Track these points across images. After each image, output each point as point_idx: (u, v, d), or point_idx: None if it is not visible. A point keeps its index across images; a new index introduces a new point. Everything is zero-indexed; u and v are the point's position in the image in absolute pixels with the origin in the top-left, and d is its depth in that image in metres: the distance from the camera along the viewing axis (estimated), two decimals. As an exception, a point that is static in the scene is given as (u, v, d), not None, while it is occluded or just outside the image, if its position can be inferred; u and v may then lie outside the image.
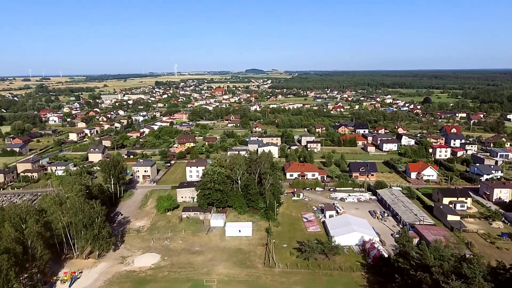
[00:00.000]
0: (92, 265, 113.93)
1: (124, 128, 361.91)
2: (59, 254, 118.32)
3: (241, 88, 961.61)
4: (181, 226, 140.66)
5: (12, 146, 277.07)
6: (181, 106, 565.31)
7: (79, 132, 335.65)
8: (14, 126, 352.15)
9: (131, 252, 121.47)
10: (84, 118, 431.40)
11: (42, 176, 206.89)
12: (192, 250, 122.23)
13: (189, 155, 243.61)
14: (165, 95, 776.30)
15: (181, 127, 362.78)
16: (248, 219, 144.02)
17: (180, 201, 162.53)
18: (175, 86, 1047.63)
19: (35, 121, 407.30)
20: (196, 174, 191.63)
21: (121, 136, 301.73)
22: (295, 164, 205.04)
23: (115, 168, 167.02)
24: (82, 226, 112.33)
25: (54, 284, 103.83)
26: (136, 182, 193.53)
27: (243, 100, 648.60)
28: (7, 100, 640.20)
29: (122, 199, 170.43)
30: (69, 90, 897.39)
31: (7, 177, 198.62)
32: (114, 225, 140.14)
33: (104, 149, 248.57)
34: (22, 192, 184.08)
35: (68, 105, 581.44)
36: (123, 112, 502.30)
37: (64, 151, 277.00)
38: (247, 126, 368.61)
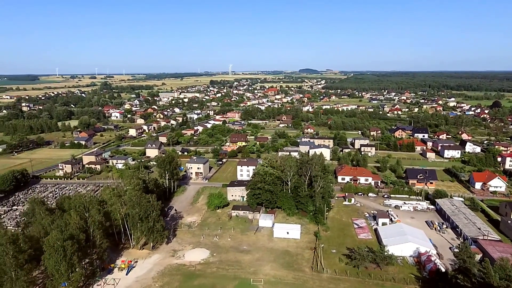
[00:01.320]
0: (147, 256, 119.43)
1: (179, 126, 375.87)
2: (116, 243, 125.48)
3: (294, 88, 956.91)
4: (230, 224, 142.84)
5: (79, 139, 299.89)
6: (234, 105, 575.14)
7: (138, 128, 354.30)
8: (81, 121, 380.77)
9: (182, 246, 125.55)
10: (143, 115, 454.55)
11: (104, 168, 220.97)
12: (240, 248, 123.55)
13: (240, 154, 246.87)
14: (219, 94, 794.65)
15: (233, 126, 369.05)
16: (297, 221, 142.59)
17: (230, 199, 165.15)
18: (229, 85, 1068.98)
19: (99, 116, 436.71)
20: (247, 174, 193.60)
21: (177, 133, 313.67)
22: (348, 167, 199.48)
23: (170, 164, 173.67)
24: (138, 218, 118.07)
25: (112, 271, 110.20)
26: (189, 179, 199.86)
27: (296, 101, 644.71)
28: (76, 96, 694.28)
29: (175, 194, 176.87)
30: (130, 88, 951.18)
31: (74, 168, 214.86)
32: (168, 219, 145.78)
33: (161, 145, 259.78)
34: (86, 183, 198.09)
35: (129, 102, 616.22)
36: (179, 110, 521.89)
37: (124, 146, 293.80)
38: (299, 127, 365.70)
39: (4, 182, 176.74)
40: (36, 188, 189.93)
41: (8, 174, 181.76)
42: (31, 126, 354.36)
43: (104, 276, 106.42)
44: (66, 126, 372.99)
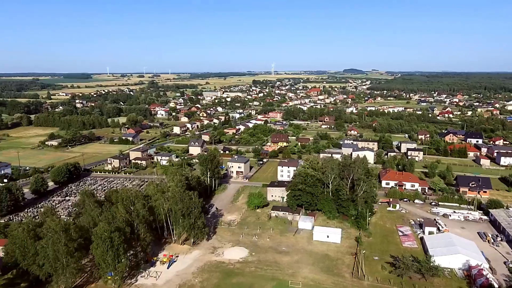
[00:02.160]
0: (187, 251, 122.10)
1: (222, 124, 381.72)
2: (159, 238, 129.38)
3: (338, 88, 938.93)
4: (269, 224, 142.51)
5: (127, 136, 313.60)
6: (276, 105, 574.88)
7: (182, 126, 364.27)
8: (129, 118, 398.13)
9: (222, 244, 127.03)
10: (187, 113, 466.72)
11: (149, 164, 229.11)
12: (279, 249, 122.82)
13: (281, 154, 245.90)
14: (261, 93, 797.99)
15: (275, 126, 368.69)
16: (338, 225, 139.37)
17: (270, 199, 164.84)
18: (271, 85, 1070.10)
19: (146, 114, 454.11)
20: (287, 174, 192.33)
21: (219, 132, 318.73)
22: (393, 172, 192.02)
23: (212, 162, 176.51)
24: (180, 214, 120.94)
25: (154, 264, 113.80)
26: (230, 177, 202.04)
27: (339, 101, 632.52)
28: (125, 94, 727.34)
29: (216, 192, 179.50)
30: (176, 87, 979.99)
31: (122, 163, 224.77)
32: (208, 216, 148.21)
33: (203, 143, 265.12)
34: (133, 177, 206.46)
35: (174, 101, 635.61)
36: (221, 109, 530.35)
37: (168, 143, 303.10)
38: (342, 129, 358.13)
39: (59, 174, 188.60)
40: (87, 180, 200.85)
41: (62, 167, 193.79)
42: (83, 122, 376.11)
43: (147, 268, 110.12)
44: (115, 122, 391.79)
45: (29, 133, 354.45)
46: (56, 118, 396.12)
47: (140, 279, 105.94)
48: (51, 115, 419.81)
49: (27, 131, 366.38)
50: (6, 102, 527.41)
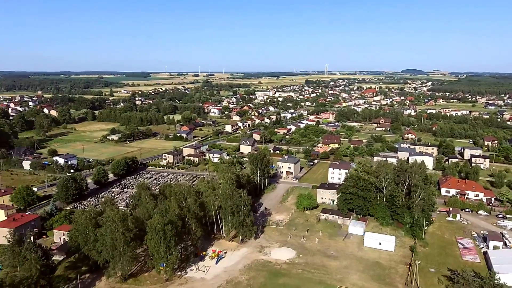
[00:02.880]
0: (235, 248, 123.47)
1: (273, 124, 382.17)
2: (209, 233, 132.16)
3: (395, 89, 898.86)
4: (318, 226, 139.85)
5: (181, 133, 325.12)
6: (328, 106, 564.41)
7: (233, 125, 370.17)
8: (184, 115, 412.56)
9: (269, 243, 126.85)
10: (239, 112, 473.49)
11: (201, 161, 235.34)
12: (327, 253, 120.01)
13: (333, 156, 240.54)
14: (313, 94, 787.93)
15: (327, 127, 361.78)
16: (391, 232, 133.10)
17: (319, 201, 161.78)
18: (324, 85, 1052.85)
19: (200, 112, 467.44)
20: (338, 177, 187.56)
21: (270, 131, 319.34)
22: (454, 179, 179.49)
23: (262, 161, 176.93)
24: (230, 211, 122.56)
25: (203, 258, 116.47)
26: (279, 177, 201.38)
27: (396, 103, 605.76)
28: (180, 93, 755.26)
29: (265, 191, 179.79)
30: (229, 86, 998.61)
31: (175, 159, 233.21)
32: (257, 215, 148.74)
33: (254, 142, 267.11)
34: (185, 173, 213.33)
35: (227, 99, 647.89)
36: (273, 109, 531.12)
37: (220, 141, 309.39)
38: (398, 132, 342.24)
39: (119, 167, 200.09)
40: (143, 174, 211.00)
41: (121, 160, 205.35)
42: (141, 118, 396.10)
43: (196, 262, 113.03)
44: (171, 119, 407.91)
45: (93, 128, 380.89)
46: (117, 114, 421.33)
47: (190, 272, 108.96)
48: (113, 111, 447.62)
49: (92, 126, 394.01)
50: (74, 99, 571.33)
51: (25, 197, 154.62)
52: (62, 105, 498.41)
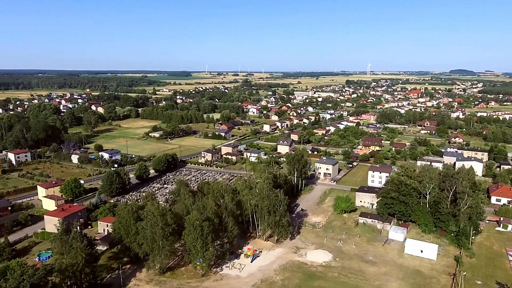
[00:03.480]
0: (271, 248, 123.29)
1: (311, 124, 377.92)
2: (244, 232, 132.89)
3: (442, 91, 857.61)
4: (356, 230, 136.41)
5: (220, 131, 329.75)
6: (369, 107, 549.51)
7: (271, 124, 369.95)
8: (223, 114, 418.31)
9: (305, 245, 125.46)
10: (277, 112, 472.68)
11: (239, 160, 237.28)
12: (365, 258, 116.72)
13: (373, 158, 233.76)
14: (354, 94, 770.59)
15: (368, 129, 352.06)
16: (434, 240, 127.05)
17: (358, 205, 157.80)
18: (365, 85, 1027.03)
19: (238, 111, 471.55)
20: (379, 180, 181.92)
21: (308, 132, 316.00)
22: (506, 187, 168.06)
23: (299, 162, 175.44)
24: (266, 211, 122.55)
25: (239, 256, 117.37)
26: (317, 178, 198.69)
27: (443, 105, 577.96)
28: (220, 92, 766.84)
29: (302, 192, 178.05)
30: (268, 85, 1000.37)
31: (214, 157, 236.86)
32: (293, 216, 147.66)
33: (292, 143, 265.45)
34: (223, 171, 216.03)
35: (266, 99, 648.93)
36: (312, 109, 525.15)
37: (258, 140, 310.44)
38: (444, 135, 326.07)
39: (159, 163, 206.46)
40: (182, 171, 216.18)
41: (162, 157, 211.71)
42: (182, 117, 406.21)
43: (232, 260, 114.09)
44: (210, 118, 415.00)
45: (136, 125, 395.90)
46: (159, 112, 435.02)
47: (225, 269, 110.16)
48: (155, 109, 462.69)
49: (135, 123, 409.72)
50: (120, 96, 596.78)
51: (73, 189, 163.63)
52: (108, 102, 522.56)
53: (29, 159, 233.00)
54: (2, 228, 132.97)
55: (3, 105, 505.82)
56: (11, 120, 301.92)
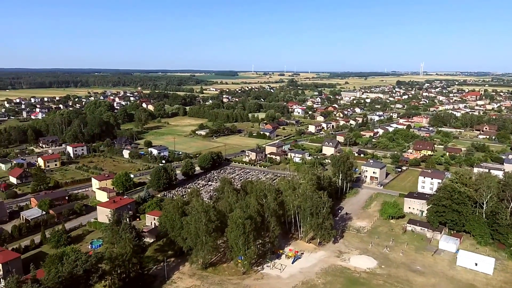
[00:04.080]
0: (313, 250, 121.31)
1: (358, 126, 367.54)
2: (286, 232, 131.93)
3: (505, 93, 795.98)
4: (403, 238, 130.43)
5: (264, 131, 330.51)
6: (422, 109, 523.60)
7: (317, 125, 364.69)
8: (268, 114, 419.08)
9: (348, 249, 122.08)
10: (323, 113, 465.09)
11: (283, 160, 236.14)
12: (413, 267, 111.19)
13: (424, 163, 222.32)
14: (405, 95, 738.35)
15: (419, 132, 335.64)
16: (490, 253, 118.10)
17: (406, 211, 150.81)
18: (418, 86, 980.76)
19: (283, 111, 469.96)
20: (430, 186, 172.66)
21: (355, 134, 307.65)
22: None
23: (345, 164, 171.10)
24: (309, 212, 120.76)
25: (280, 256, 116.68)
26: (363, 182, 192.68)
27: (505, 108, 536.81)
28: (265, 91, 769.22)
29: (347, 195, 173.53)
30: (314, 85, 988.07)
31: (258, 156, 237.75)
32: (337, 219, 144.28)
33: (337, 144, 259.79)
34: (266, 171, 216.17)
35: (311, 99, 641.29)
36: (359, 110, 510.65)
37: (302, 141, 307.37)
38: (506, 141, 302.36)
39: (205, 160, 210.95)
40: (227, 169, 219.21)
41: (207, 155, 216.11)
42: (228, 115, 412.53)
43: (273, 260, 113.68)
44: (255, 117, 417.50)
45: (183, 122, 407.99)
46: (206, 111, 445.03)
47: (266, 269, 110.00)
48: (202, 107, 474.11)
49: (182, 121, 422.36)
50: (169, 95, 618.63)
51: (124, 182, 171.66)
52: (158, 100, 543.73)
53: (85, 152, 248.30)
54: (60, 216, 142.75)
55: (64, 102, 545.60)
56: (70, 116, 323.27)
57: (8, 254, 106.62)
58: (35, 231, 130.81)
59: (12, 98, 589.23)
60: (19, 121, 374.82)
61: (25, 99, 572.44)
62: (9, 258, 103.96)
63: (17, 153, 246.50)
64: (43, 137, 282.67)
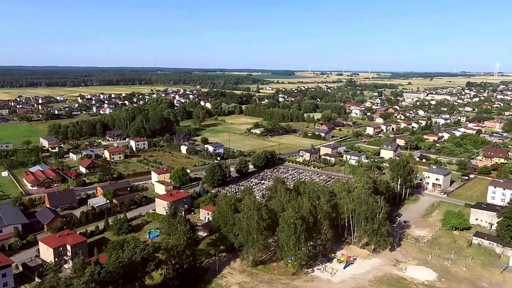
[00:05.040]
0: (366, 256, 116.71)
1: (421, 130, 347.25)
2: (339, 236, 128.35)
3: None
4: (468, 251, 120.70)
5: (319, 131, 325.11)
6: (495, 113, 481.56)
7: (375, 127, 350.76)
8: (324, 114, 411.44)
9: (405, 259, 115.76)
10: (383, 114, 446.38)
11: (338, 161, 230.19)
12: (478, 284, 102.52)
13: (495, 172, 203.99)
14: (476, 98, 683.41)
15: (491, 138, 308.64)
16: None
17: (472, 223, 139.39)
18: (491, 88, 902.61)
19: (340, 111, 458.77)
20: (501, 197, 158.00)
21: (416, 137, 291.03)
22: None
23: (404, 168, 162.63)
24: (364, 217, 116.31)
25: (331, 260, 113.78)
26: (424, 189, 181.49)
27: None
28: (322, 91, 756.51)
29: (406, 202, 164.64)
30: (374, 86, 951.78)
31: (312, 157, 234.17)
32: (394, 226, 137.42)
33: (397, 148, 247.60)
34: (320, 172, 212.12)
35: (370, 100, 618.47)
36: (423, 113, 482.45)
37: (359, 143, 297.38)
38: None
39: (258, 159, 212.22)
40: (280, 168, 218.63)
41: (261, 153, 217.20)
42: (283, 115, 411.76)
43: (324, 263, 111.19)
44: (311, 117, 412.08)
45: (239, 121, 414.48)
46: (261, 110, 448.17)
47: (316, 271, 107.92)
48: (258, 106, 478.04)
49: (238, 119, 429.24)
50: (226, 93, 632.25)
51: (181, 177, 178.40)
52: (215, 98, 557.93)
53: (146, 147, 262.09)
54: (122, 205, 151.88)
55: (129, 98, 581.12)
56: (134, 112, 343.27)
57: (76, 237, 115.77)
58: (100, 218, 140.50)
59: (84, 94, 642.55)
60: (89, 116, 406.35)
61: (95, 95, 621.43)
62: (77, 241, 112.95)
63: (87, 145, 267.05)
64: (110, 131, 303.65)
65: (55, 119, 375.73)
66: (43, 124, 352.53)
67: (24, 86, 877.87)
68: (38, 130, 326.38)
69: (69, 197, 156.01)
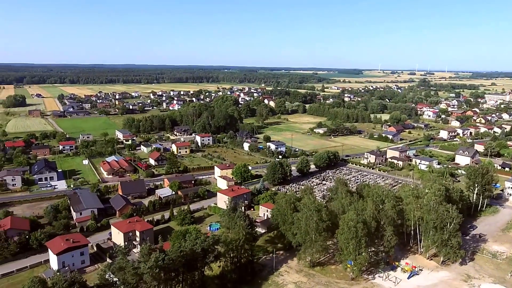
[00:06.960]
0: (434, 268, 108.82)
1: (505, 135, 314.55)
2: (404, 244, 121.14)
3: None
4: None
5: (387, 133, 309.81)
6: None
7: (450, 131, 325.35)
8: (392, 116, 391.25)
9: (479, 275, 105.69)
10: (459, 117, 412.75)
11: (406, 166, 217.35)
12: None
13: None
14: None
15: None
16: None
17: None
18: None
19: (411, 113, 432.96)
20: None
21: (498, 143, 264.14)
22: None
23: (483, 177, 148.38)
24: (432, 226, 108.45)
25: (395, 268, 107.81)
26: (505, 200, 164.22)
27: None
28: (392, 91, 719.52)
29: (482, 213, 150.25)
30: (451, 86, 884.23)
31: (377, 159, 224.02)
32: (467, 238, 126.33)
33: (475, 154, 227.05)
34: (386, 176, 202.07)
35: (446, 102, 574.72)
36: (508, 117, 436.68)
37: (431, 147, 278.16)
38: None
39: (320, 159, 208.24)
40: (342, 170, 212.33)
41: (323, 154, 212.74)
42: (348, 115, 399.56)
43: (386, 271, 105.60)
44: (378, 118, 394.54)
45: (302, 120, 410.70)
46: (326, 109, 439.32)
47: (378, 279, 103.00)
48: (322, 105, 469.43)
49: (301, 118, 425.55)
50: (290, 92, 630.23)
51: (242, 173, 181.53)
52: (279, 97, 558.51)
53: (210, 142, 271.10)
54: (186, 197, 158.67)
55: (196, 95, 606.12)
56: (200, 108, 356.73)
57: (144, 224, 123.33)
58: (166, 208, 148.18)
59: (156, 90, 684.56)
60: (160, 111, 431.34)
61: (165, 92, 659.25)
62: (145, 228, 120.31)
63: (156, 139, 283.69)
64: (177, 126, 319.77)
65: (130, 113, 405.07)
66: (119, 118, 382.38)
67: (104, 83, 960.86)
68: (115, 123, 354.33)
69: (139, 186, 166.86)
